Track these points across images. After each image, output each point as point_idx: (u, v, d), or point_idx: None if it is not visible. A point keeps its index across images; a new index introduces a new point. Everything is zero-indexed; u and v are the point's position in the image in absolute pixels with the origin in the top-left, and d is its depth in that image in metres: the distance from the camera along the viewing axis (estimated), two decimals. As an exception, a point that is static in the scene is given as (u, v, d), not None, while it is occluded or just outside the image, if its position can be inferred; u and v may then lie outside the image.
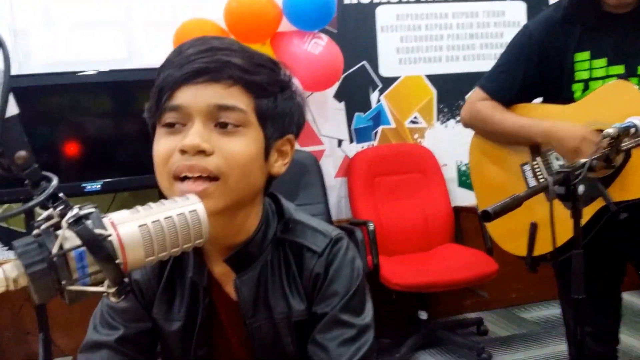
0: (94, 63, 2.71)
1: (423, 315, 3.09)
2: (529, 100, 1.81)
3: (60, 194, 0.68)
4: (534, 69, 1.73)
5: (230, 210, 0.92)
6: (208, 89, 0.89)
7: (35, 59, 2.78)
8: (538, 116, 1.74)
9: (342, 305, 0.97)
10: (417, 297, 3.11)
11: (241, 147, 0.90)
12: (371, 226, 2.84)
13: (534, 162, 1.76)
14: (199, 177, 0.88)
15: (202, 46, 0.91)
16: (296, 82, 1.01)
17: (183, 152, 0.87)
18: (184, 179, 0.88)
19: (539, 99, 1.83)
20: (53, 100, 2.54)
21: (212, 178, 0.88)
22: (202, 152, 0.87)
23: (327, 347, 0.96)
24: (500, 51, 1.86)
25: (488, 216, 1.16)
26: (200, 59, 0.89)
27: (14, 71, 0.67)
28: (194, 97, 0.89)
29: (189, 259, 1.01)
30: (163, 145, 0.90)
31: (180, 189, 0.88)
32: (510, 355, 2.98)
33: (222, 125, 0.89)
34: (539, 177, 1.74)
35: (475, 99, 1.82)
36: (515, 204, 1.20)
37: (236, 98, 0.90)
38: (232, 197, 0.90)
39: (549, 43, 1.71)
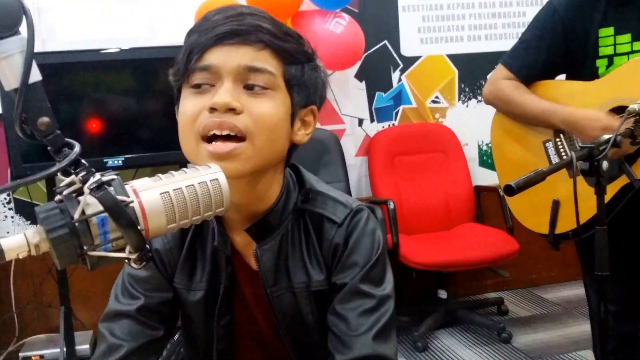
0: (117, 41, 2.73)
1: (443, 294, 3.09)
2: (552, 76, 1.79)
3: (83, 161, 0.68)
4: (558, 45, 1.70)
5: (253, 176, 0.92)
6: (239, 50, 0.89)
7: (59, 36, 2.81)
8: (561, 94, 1.72)
9: (361, 276, 0.97)
10: (437, 276, 3.10)
11: (269, 108, 0.90)
12: (391, 205, 2.84)
13: (557, 140, 1.73)
14: (227, 137, 0.88)
15: (231, 11, 0.91)
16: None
17: (212, 110, 0.88)
18: (211, 140, 0.89)
19: (562, 76, 1.80)
20: (76, 77, 2.56)
21: (240, 138, 0.88)
22: (231, 111, 0.87)
23: (347, 317, 0.96)
24: (522, 30, 1.83)
25: (511, 190, 1.15)
26: (231, 22, 0.89)
27: (38, 48, 0.67)
28: (224, 57, 0.89)
29: (210, 229, 1.02)
30: (190, 105, 0.91)
31: (207, 149, 0.88)
32: (531, 335, 2.97)
33: (251, 87, 0.90)
34: (562, 154, 1.72)
35: (498, 77, 1.80)
36: (538, 178, 1.18)
37: (266, 61, 0.90)
38: (259, 160, 0.90)
39: (573, 18, 1.67)
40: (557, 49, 1.70)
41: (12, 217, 2.90)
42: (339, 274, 0.99)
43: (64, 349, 2.59)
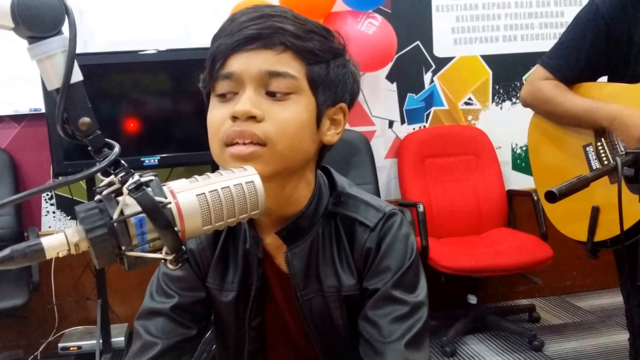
0: (154, 42, 2.77)
1: (472, 299, 3.04)
2: (593, 79, 1.74)
3: (122, 161, 0.69)
4: (600, 46, 1.65)
5: (279, 178, 0.92)
6: (260, 55, 0.88)
7: (98, 38, 2.87)
8: (602, 95, 1.67)
9: (394, 282, 0.95)
10: (466, 281, 3.06)
11: (292, 114, 0.89)
12: (421, 208, 2.81)
13: (598, 144, 1.69)
14: (250, 143, 0.87)
15: (254, 13, 0.90)
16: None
17: (234, 118, 0.87)
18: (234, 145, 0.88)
19: (603, 78, 1.75)
20: (115, 77, 2.62)
21: (262, 144, 0.87)
22: (252, 118, 0.87)
23: (379, 323, 0.94)
24: (560, 30, 1.79)
25: (553, 197, 1.11)
26: (253, 26, 0.88)
27: (79, 50, 0.68)
28: (246, 63, 0.88)
29: (242, 230, 1.02)
30: (216, 113, 0.91)
31: (230, 152, 0.88)
32: (563, 344, 2.91)
33: (272, 94, 0.89)
34: (603, 159, 1.67)
35: (537, 78, 1.76)
36: (581, 184, 1.14)
37: (287, 64, 0.89)
38: (281, 163, 0.89)
39: (617, 18, 1.63)
40: (598, 50, 1.66)
41: (53, 212, 2.99)
42: (370, 279, 0.98)
43: (100, 341, 2.66)
